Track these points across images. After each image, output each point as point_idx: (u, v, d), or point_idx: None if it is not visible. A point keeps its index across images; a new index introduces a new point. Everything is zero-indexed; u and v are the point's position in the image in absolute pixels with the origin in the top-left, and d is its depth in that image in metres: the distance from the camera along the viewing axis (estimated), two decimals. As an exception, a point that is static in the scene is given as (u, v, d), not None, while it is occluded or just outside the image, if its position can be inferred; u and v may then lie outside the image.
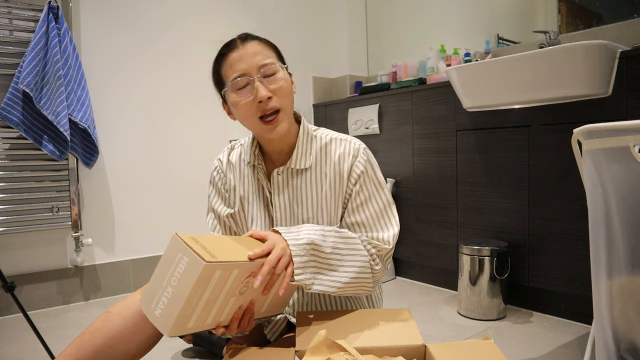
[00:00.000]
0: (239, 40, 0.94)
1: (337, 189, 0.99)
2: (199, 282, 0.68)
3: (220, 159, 1.10)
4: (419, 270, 2.26)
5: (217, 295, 0.73)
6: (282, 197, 1.00)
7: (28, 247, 1.97)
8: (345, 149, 0.99)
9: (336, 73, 2.94)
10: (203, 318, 0.74)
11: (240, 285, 0.77)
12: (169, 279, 0.70)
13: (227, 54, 0.93)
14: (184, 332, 0.72)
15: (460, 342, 0.82)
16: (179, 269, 0.69)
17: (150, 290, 0.72)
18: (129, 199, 2.21)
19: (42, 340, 1.35)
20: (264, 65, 0.92)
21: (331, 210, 0.99)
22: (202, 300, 0.71)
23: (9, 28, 1.89)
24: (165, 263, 0.71)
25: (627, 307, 0.84)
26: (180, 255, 0.69)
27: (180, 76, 2.36)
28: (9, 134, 1.89)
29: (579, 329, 1.58)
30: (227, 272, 0.72)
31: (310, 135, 1.02)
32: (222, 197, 1.08)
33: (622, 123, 0.80)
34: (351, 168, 0.98)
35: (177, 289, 0.69)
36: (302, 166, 0.99)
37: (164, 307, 0.70)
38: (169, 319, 0.69)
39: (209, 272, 0.68)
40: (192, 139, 2.40)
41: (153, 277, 0.73)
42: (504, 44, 2.16)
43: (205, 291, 0.70)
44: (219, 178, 1.08)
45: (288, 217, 1.00)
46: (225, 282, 0.73)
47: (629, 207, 0.79)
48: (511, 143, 1.77)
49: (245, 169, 1.06)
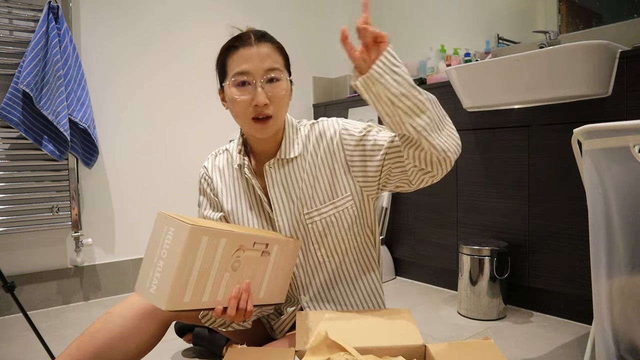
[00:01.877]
0: (254, 37, 0.93)
1: (333, 167, 0.99)
2: (187, 248, 0.69)
3: (205, 165, 1.12)
4: (419, 270, 2.26)
5: (208, 266, 0.74)
6: (277, 189, 1.01)
7: (28, 247, 1.97)
8: (324, 128, 1.02)
9: (336, 73, 2.94)
10: (199, 293, 0.74)
11: (232, 260, 0.78)
12: (159, 254, 0.71)
13: (239, 47, 0.92)
14: (181, 306, 0.72)
15: (460, 342, 0.82)
16: (167, 240, 0.71)
17: (143, 271, 0.73)
18: (129, 198, 2.21)
19: (42, 340, 1.35)
20: (271, 70, 0.92)
21: (328, 189, 0.99)
22: (194, 270, 0.72)
23: (9, 28, 1.89)
24: (154, 240, 0.73)
25: (627, 307, 0.84)
26: (166, 228, 0.71)
27: (180, 76, 2.36)
28: (9, 134, 1.89)
29: (579, 329, 1.58)
30: (214, 239, 0.74)
31: (295, 126, 1.04)
32: (211, 203, 1.09)
33: (622, 123, 0.80)
34: (340, 138, 0.99)
35: (167, 260, 0.70)
36: (291, 155, 1.00)
37: (157, 282, 0.71)
38: (164, 292, 0.69)
39: (195, 236, 0.70)
40: (192, 138, 2.40)
41: (144, 259, 0.74)
42: (504, 44, 2.16)
43: (195, 259, 0.71)
44: (207, 184, 1.09)
45: (286, 208, 1.01)
46: (215, 252, 0.75)
47: (629, 207, 0.80)
48: (511, 143, 1.77)
49: (233, 172, 1.06)
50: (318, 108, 2.82)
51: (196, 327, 1.44)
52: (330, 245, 1.01)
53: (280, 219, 1.01)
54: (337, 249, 1.02)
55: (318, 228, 1.00)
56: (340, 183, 0.99)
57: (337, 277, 1.04)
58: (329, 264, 1.03)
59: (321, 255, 1.02)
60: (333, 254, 1.02)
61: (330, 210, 1.00)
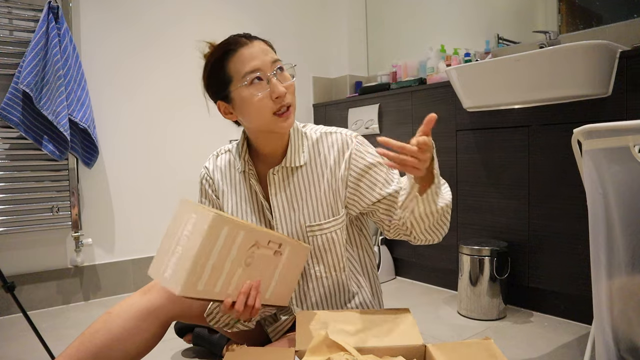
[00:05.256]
0: (245, 38, 0.94)
1: (337, 180, 0.98)
2: (208, 236, 0.70)
3: (206, 166, 1.10)
4: (419, 270, 2.26)
5: (224, 257, 0.75)
6: (279, 196, 1.00)
7: (28, 247, 1.96)
8: (339, 141, 1.00)
9: (336, 73, 2.94)
10: (212, 283, 0.75)
11: (246, 255, 0.79)
12: (178, 239, 0.72)
13: (238, 50, 0.91)
14: (194, 293, 0.72)
15: (460, 342, 0.82)
16: (188, 227, 0.72)
17: (159, 256, 0.74)
18: (129, 199, 2.21)
19: (42, 340, 1.35)
20: (276, 60, 0.93)
21: (332, 203, 0.99)
22: (210, 259, 0.73)
23: (9, 28, 1.89)
24: (174, 226, 0.74)
25: (627, 307, 0.84)
26: (188, 215, 0.72)
27: (180, 76, 2.36)
28: (9, 134, 1.89)
29: (579, 329, 1.58)
30: (233, 231, 0.75)
31: (300, 132, 1.02)
32: (213, 205, 1.08)
33: (622, 123, 0.80)
34: (350, 156, 0.98)
35: (186, 246, 0.71)
36: (297, 164, 0.99)
37: (174, 267, 0.71)
38: (180, 277, 0.70)
39: (217, 226, 0.71)
40: (192, 139, 2.40)
41: (161, 244, 0.75)
42: (504, 44, 2.16)
43: (213, 250, 0.72)
44: (208, 185, 1.08)
45: (287, 217, 1.00)
46: (232, 245, 0.75)
47: (629, 207, 0.79)
48: (511, 143, 1.76)
49: (236, 175, 1.05)
50: (318, 108, 2.82)
51: (196, 327, 1.44)
52: (329, 262, 1.00)
53: (281, 227, 1.00)
54: (337, 266, 1.01)
55: (318, 242, 0.99)
56: (340, 199, 0.99)
57: (335, 291, 1.03)
58: (327, 280, 1.02)
59: (319, 270, 1.01)
60: (331, 270, 1.01)
61: (332, 227, 0.99)
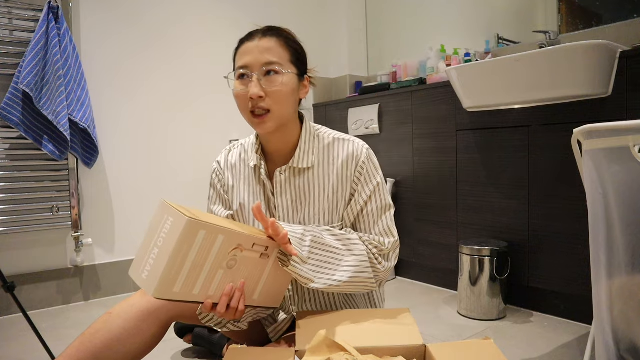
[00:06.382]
0: (261, 33, 0.94)
1: (340, 189, 0.98)
2: (182, 238, 0.69)
3: (218, 161, 1.10)
4: (419, 270, 2.26)
5: (203, 260, 0.74)
6: (284, 196, 1.00)
7: (28, 247, 1.96)
8: (349, 150, 0.99)
9: (336, 73, 2.94)
10: (190, 285, 0.74)
11: (228, 258, 0.78)
12: (155, 241, 0.72)
13: (244, 42, 0.94)
14: (170, 295, 0.72)
15: (460, 342, 0.82)
16: (165, 229, 0.71)
17: (139, 257, 0.74)
18: (129, 198, 2.21)
19: (42, 340, 1.35)
20: (269, 63, 0.91)
21: (333, 211, 0.99)
22: (187, 261, 0.72)
23: (9, 28, 1.89)
24: (152, 228, 0.73)
25: (627, 307, 0.84)
26: (165, 217, 0.72)
27: (180, 76, 2.36)
28: (9, 134, 1.89)
29: (579, 329, 1.58)
30: (211, 235, 0.73)
31: (313, 134, 1.02)
32: (221, 200, 1.08)
33: (622, 123, 0.80)
34: (355, 169, 0.98)
35: (162, 248, 0.71)
36: (304, 165, 0.98)
37: (150, 268, 0.71)
38: (154, 279, 0.70)
39: (192, 229, 0.70)
40: (192, 139, 2.40)
41: (141, 245, 0.74)
42: (504, 44, 2.16)
43: (190, 251, 0.71)
44: (217, 180, 1.08)
45: (290, 217, 1.00)
46: (211, 248, 0.74)
47: (629, 207, 0.79)
48: (511, 143, 1.77)
49: (246, 169, 1.05)
50: (318, 108, 2.82)
51: (196, 328, 1.44)
52: None
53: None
54: None
55: None
56: (339, 212, 0.99)
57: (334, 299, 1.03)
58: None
59: None
60: None
61: None
